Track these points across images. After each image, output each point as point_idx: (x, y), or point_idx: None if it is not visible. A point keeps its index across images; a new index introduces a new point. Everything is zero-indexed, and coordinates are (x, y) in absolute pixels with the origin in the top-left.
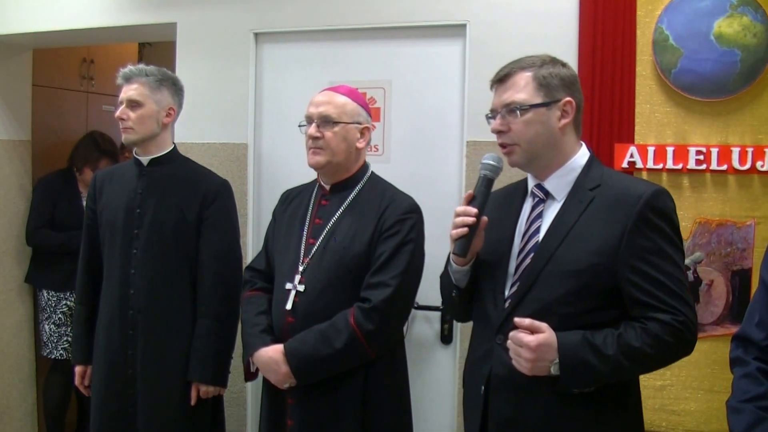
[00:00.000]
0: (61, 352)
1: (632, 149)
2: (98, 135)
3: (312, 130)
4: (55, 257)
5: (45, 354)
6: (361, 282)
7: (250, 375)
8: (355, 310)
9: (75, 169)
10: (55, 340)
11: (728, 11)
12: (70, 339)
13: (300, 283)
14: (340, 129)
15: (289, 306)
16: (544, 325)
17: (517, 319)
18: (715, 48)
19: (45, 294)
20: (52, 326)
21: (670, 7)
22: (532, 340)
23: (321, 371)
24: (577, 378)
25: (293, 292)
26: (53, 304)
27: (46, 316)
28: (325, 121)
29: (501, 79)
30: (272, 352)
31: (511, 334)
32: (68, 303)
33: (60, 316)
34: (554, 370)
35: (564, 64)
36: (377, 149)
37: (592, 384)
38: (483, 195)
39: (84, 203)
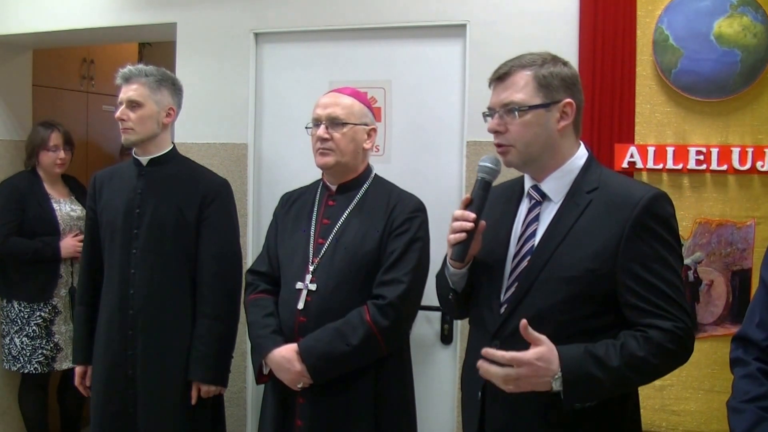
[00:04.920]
0: (36, 365)
1: (632, 149)
2: (40, 122)
3: (321, 131)
4: (27, 266)
5: (15, 369)
6: (372, 280)
7: (262, 377)
8: (370, 306)
9: (36, 161)
10: (28, 354)
11: (728, 11)
12: (45, 351)
13: (311, 282)
14: (348, 130)
15: (301, 305)
16: (543, 338)
17: (515, 350)
18: (715, 48)
19: (15, 305)
20: (25, 339)
21: (670, 7)
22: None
23: (336, 369)
24: (581, 392)
25: (305, 292)
26: (26, 316)
27: (17, 328)
28: (334, 122)
29: (500, 77)
30: (285, 352)
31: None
32: (42, 314)
33: (34, 328)
34: (556, 385)
35: (565, 63)
36: (377, 149)
37: (596, 398)
38: (481, 198)
39: (53, 206)
